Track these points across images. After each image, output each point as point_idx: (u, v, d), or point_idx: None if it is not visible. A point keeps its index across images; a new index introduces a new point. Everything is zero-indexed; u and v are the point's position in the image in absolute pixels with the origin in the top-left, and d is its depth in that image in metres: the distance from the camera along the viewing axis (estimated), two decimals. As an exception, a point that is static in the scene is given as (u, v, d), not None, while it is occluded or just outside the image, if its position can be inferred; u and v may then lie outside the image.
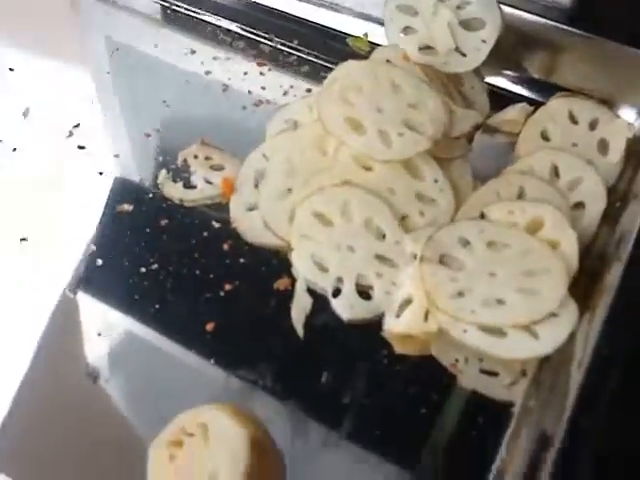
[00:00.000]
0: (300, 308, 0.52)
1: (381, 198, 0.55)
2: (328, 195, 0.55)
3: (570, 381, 0.44)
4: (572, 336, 0.47)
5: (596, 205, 0.55)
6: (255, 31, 0.73)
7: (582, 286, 0.50)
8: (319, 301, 0.53)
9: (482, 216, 0.54)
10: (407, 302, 0.51)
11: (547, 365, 0.48)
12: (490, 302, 0.49)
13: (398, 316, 0.51)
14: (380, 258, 0.54)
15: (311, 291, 0.53)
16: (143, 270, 0.56)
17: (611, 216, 0.54)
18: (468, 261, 0.51)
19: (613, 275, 0.48)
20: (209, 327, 0.53)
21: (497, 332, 0.48)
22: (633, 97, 0.61)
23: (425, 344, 0.50)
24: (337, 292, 0.52)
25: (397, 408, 0.49)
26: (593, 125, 0.60)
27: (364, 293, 0.52)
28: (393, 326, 0.51)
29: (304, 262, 0.54)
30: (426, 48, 0.63)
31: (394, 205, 0.55)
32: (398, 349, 0.51)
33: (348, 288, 0.52)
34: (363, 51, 0.69)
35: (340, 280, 0.53)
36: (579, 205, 0.55)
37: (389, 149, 0.55)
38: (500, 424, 0.47)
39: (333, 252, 0.54)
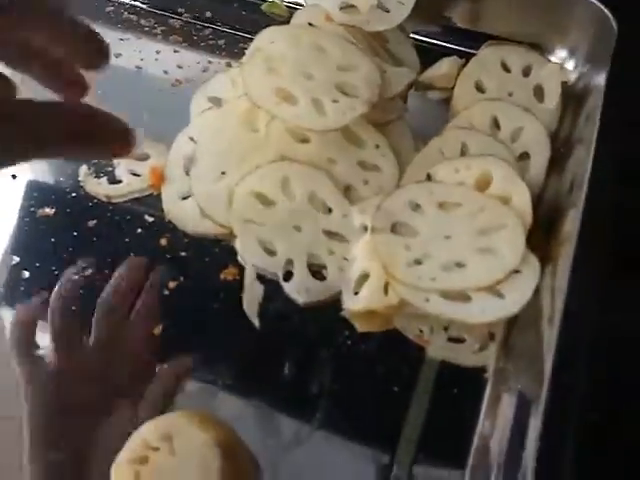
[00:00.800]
0: (252, 297, 0.49)
1: (322, 170, 0.52)
2: (265, 173, 0.52)
3: (542, 339, 0.43)
4: (537, 292, 0.46)
5: (541, 153, 0.53)
6: (163, 6, 0.68)
7: (539, 239, 0.48)
8: (271, 287, 0.49)
9: (428, 177, 0.52)
10: (364, 277, 0.49)
11: (515, 325, 0.47)
12: (449, 266, 0.47)
13: (356, 293, 0.48)
14: (329, 234, 0.51)
15: (261, 277, 0.50)
16: (76, 277, 0.52)
17: (557, 163, 0.53)
18: (421, 226, 0.49)
19: (570, 223, 0.47)
20: (157, 330, 0.49)
21: (460, 297, 0.46)
22: (562, 38, 0.59)
23: (388, 318, 0.48)
24: (289, 276, 0.49)
25: (368, 389, 0.47)
26: (526, 72, 0.58)
27: (317, 273, 0.50)
28: (352, 304, 0.48)
29: (250, 248, 0.51)
30: (347, 7, 0.60)
31: (336, 176, 0.52)
32: (360, 327, 0.48)
33: (300, 270, 0.50)
34: (281, 17, 0.65)
35: (290, 262, 0.50)
36: (524, 155, 0.54)
37: (324, 118, 0.52)
38: (476, 392, 0.46)
39: (279, 233, 0.51)
